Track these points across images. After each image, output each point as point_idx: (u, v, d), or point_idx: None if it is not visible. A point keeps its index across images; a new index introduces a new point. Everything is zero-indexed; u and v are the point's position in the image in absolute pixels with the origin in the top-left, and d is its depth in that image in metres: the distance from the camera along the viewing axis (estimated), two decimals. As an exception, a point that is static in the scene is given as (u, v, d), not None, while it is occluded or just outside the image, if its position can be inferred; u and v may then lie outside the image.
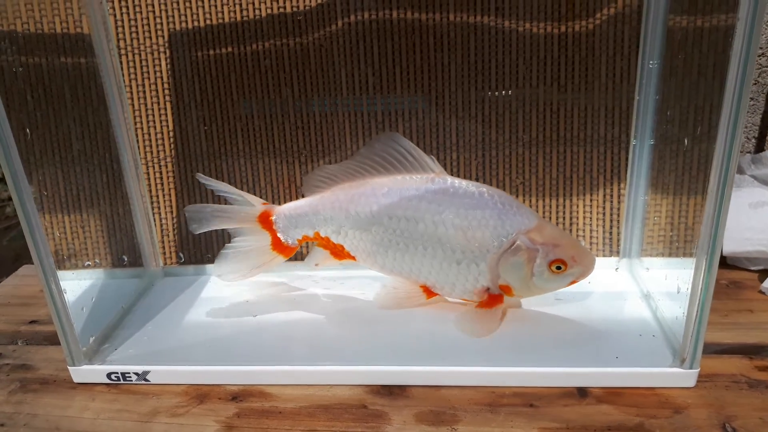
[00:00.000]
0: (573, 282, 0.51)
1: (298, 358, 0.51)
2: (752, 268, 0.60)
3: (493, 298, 0.53)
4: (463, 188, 0.51)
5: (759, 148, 0.68)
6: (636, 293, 0.57)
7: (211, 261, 0.66)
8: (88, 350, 0.53)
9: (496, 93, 0.60)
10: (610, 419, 0.44)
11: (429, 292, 0.56)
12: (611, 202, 0.61)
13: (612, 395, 0.46)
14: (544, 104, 0.60)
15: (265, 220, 0.58)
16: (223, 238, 0.67)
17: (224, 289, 0.63)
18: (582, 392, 0.47)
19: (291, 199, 0.65)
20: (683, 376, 0.46)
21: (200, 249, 0.67)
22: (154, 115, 0.64)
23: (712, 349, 0.50)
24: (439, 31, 0.59)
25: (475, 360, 0.49)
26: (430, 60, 0.60)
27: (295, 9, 0.60)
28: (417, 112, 0.62)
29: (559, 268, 0.50)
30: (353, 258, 0.57)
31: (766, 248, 0.56)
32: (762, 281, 0.57)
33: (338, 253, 0.58)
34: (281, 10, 0.61)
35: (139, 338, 0.56)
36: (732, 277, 0.60)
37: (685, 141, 0.48)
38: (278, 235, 0.58)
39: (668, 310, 0.51)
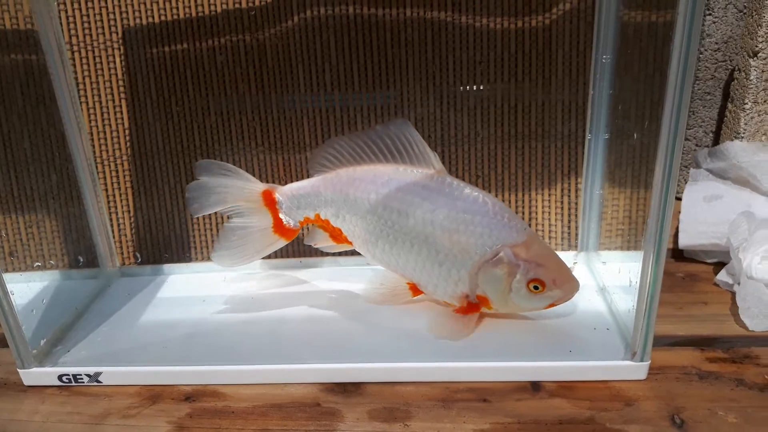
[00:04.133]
0: (552, 305, 0.50)
1: (252, 358, 0.51)
2: (708, 261, 0.60)
3: (470, 306, 0.52)
4: (459, 190, 0.50)
5: (716, 142, 0.69)
6: (593, 287, 0.57)
7: (169, 261, 0.66)
8: (39, 352, 0.52)
9: (454, 89, 0.60)
10: (561, 413, 0.44)
11: (415, 289, 0.55)
12: (569, 196, 0.61)
13: (564, 389, 0.47)
14: (502, 100, 0.60)
15: (268, 199, 0.56)
16: (181, 238, 0.66)
17: (180, 290, 0.62)
18: (535, 386, 0.47)
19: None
20: (634, 369, 0.46)
21: (158, 249, 0.66)
22: (109, 113, 0.63)
23: (665, 342, 0.51)
24: (397, 28, 0.59)
25: (430, 356, 0.49)
26: (388, 56, 0.60)
27: (250, 4, 0.60)
28: (375, 109, 0.61)
29: (536, 288, 0.48)
30: (350, 243, 0.56)
31: (720, 241, 0.57)
32: (717, 274, 0.57)
33: (337, 236, 0.57)
34: (237, 5, 0.60)
35: (93, 339, 0.55)
36: (688, 269, 0.60)
37: (635, 135, 0.48)
38: (280, 215, 0.56)
39: (622, 304, 0.51)
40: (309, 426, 0.45)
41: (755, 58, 0.56)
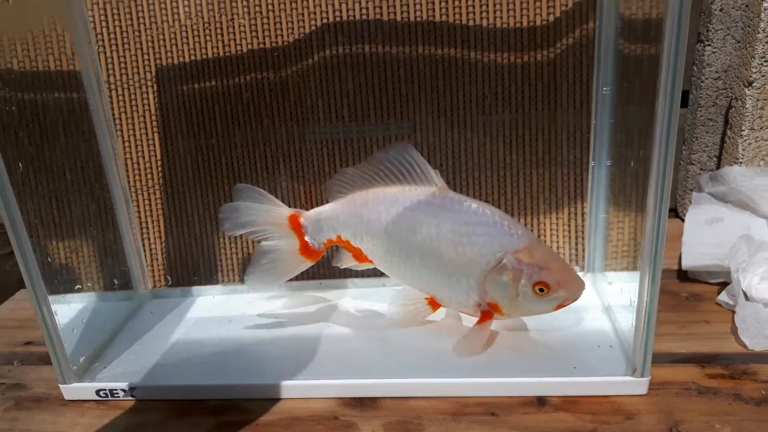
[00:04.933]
0: (560, 306, 0.52)
1: (275, 374, 0.54)
2: (711, 281, 0.62)
3: (484, 315, 0.55)
4: (461, 204, 0.53)
5: (719, 167, 0.71)
6: (598, 306, 0.59)
7: (198, 283, 0.70)
8: (79, 369, 0.56)
9: (464, 120, 0.63)
10: (565, 426, 0.47)
11: (434, 303, 0.58)
12: (575, 220, 0.64)
13: (569, 403, 0.49)
14: (509, 129, 0.63)
15: (294, 223, 0.60)
16: (209, 262, 0.70)
17: (208, 310, 0.66)
18: (541, 401, 0.50)
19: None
20: (635, 384, 0.49)
21: (187, 272, 0.70)
22: (142, 146, 0.67)
23: (667, 359, 0.53)
24: (409, 64, 0.63)
25: (442, 372, 0.52)
26: (401, 90, 0.64)
27: (274, 44, 0.64)
28: (390, 139, 0.65)
29: (542, 290, 0.50)
30: (371, 262, 0.60)
31: (722, 262, 0.59)
32: (719, 293, 0.59)
33: (358, 256, 0.60)
34: (261, 46, 0.64)
35: (127, 357, 0.59)
36: (692, 290, 0.63)
37: (631, 162, 0.51)
38: (306, 238, 0.60)
39: (624, 322, 0.54)
40: (327, 437, 0.48)
41: (750, 88, 0.59)
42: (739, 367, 0.51)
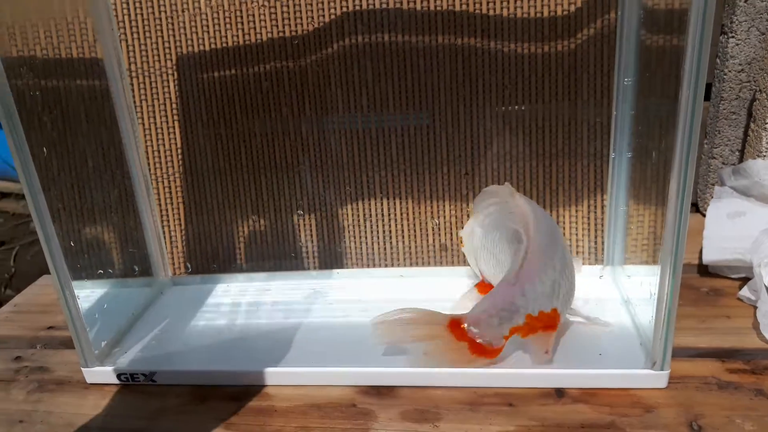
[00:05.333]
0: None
1: (294, 361, 0.55)
2: (732, 276, 0.62)
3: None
4: None
5: (742, 161, 0.70)
6: (617, 299, 0.59)
7: (217, 271, 0.70)
8: (101, 353, 0.57)
9: (484, 110, 0.63)
10: (584, 417, 0.47)
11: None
12: (595, 212, 0.64)
13: (587, 395, 0.49)
14: (530, 121, 0.63)
15: (457, 329, 0.51)
16: (228, 250, 0.70)
17: (227, 297, 0.67)
18: (559, 393, 0.50)
19: (292, 209, 0.69)
20: (654, 378, 0.49)
21: (207, 259, 0.71)
22: (163, 134, 0.68)
23: (687, 353, 0.53)
24: (429, 53, 0.63)
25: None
26: (421, 80, 0.64)
27: (293, 33, 0.64)
28: (409, 129, 0.65)
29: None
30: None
31: (743, 256, 0.58)
32: (741, 289, 0.59)
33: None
34: (281, 34, 0.64)
35: (148, 342, 0.59)
36: (713, 284, 0.62)
37: (653, 154, 0.51)
38: (478, 341, 0.50)
39: (644, 315, 0.53)
40: (345, 425, 0.49)
41: (776, 80, 0.59)
42: (761, 362, 0.51)
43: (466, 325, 0.50)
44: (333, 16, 0.63)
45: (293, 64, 0.65)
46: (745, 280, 0.60)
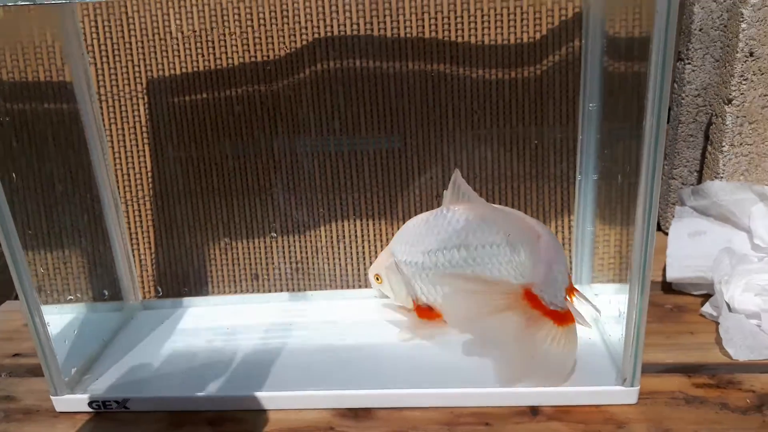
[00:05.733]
0: None
1: (269, 385, 0.54)
2: (695, 293, 0.64)
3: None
4: None
5: (700, 181, 0.73)
6: (587, 318, 0.60)
7: (188, 294, 0.70)
8: (71, 380, 0.55)
9: (454, 134, 0.64)
10: (557, 435, 0.48)
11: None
12: (562, 232, 0.65)
13: (561, 413, 0.50)
14: (498, 144, 0.65)
15: (530, 297, 0.52)
16: (199, 273, 0.70)
17: (199, 321, 0.66)
18: (534, 411, 0.51)
19: (264, 231, 0.69)
20: (625, 394, 0.50)
21: (178, 283, 0.70)
22: (133, 157, 0.67)
23: (655, 369, 0.54)
24: (400, 78, 0.64)
25: (435, 383, 0.53)
26: (392, 104, 0.65)
27: (265, 58, 0.65)
28: (381, 152, 0.66)
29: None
30: None
31: (705, 274, 0.61)
32: (703, 305, 0.61)
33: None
34: (252, 59, 0.65)
35: (119, 368, 0.58)
36: (676, 301, 0.64)
37: (618, 176, 0.53)
38: (550, 308, 0.52)
39: (613, 333, 0.55)
40: (324, 448, 0.49)
41: (730, 105, 0.61)
42: (725, 376, 0.53)
43: (537, 290, 0.51)
44: (305, 42, 0.64)
45: (265, 88, 0.65)
46: (706, 297, 0.62)
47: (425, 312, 0.61)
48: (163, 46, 0.65)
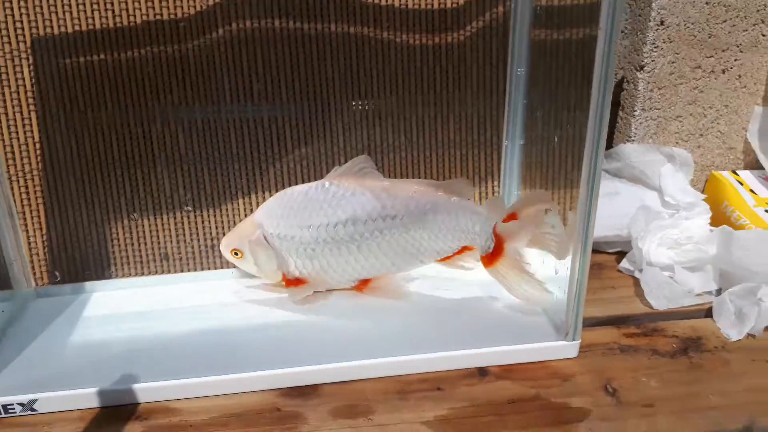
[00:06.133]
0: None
1: (199, 370, 0.50)
2: (609, 251, 0.67)
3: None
4: None
5: (610, 146, 0.77)
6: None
7: (90, 278, 0.63)
8: (-39, 384, 0.48)
9: (380, 100, 0.63)
10: (510, 393, 0.48)
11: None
12: (486, 198, 0.66)
13: (507, 371, 0.51)
14: (422, 110, 0.64)
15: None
16: (99, 255, 0.63)
17: (107, 307, 0.60)
18: (482, 372, 0.51)
19: (174, 206, 0.63)
20: (568, 348, 0.52)
21: (75, 266, 0.63)
22: (17, 125, 0.59)
23: (586, 323, 0.56)
24: (322, 41, 0.61)
25: (380, 352, 0.51)
26: (314, 68, 0.62)
27: (172, 16, 0.59)
28: (303, 119, 0.63)
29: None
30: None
31: (621, 232, 0.64)
32: (619, 262, 0.65)
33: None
34: (158, 17, 0.59)
35: (19, 365, 0.51)
36: (595, 260, 0.67)
37: (555, 139, 0.54)
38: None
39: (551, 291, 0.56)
40: (274, 430, 0.46)
41: (641, 71, 0.65)
42: (650, 325, 0.56)
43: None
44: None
45: (174, 49, 0.60)
46: (621, 254, 0.65)
47: (294, 284, 0.59)
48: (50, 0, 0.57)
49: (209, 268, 0.65)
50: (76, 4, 0.58)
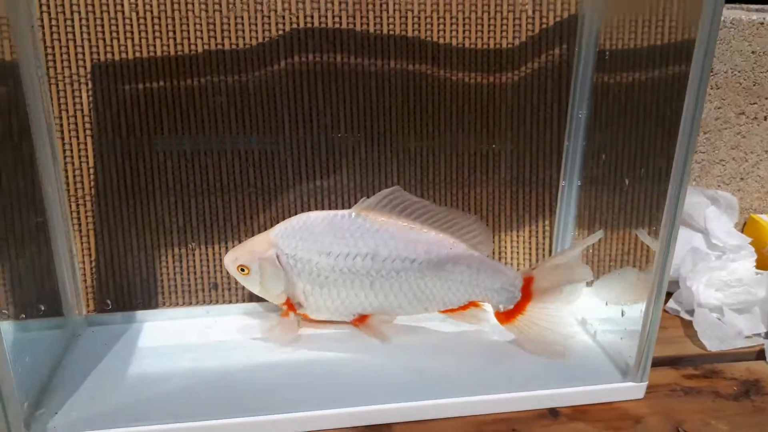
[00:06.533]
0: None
1: (267, 407, 0.49)
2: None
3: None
4: None
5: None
6: (570, 320, 0.62)
7: (142, 307, 0.62)
8: (26, 418, 0.46)
9: (434, 137, 0.63)
10: (585, 435, 0.49)
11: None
12: (539, 237, 0.67)
13: (579, 413, 0.51)
14: (475, 147, 0.64)
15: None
16: (154, 280, 0.62)
17: (162, 338, 0.58)
18: (553, 412, 0.51)
19: (225, 241, 0.63)
20: (635, 389, 0.52)
21: (123, 294, 0.62)
22: (72, 150, 0.58)
23: (643, 364, 0.57)
24: (381, 77, 0.62)
25: (453, 392, 0.51)
26: (372, 103, 0.62)
27: (233, 46, 0.59)
28: (360, 153, 0.63)
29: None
30: None
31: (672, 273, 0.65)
32: (666, 302, 0.66)
33: None
34: (219, 46, 0.59)
35: (80, 398, 0.50)
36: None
37: (626, 182, 0.55)
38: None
39: (609, 333, 0.57)
40: (355, 469, 0.45)
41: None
42: (706, 366, 0.57)
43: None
44: (281, 32, 0.59)
45: (233, 79, 0.60)
46: (667, 295, 0.67)
47: (293, 309, 0.58)
48: (113, 26, 0.57)
49: (257, 300, 0.65)
50: (138, 30, 0.58)
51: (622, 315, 0.54)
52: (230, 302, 0.64)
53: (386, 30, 0.61)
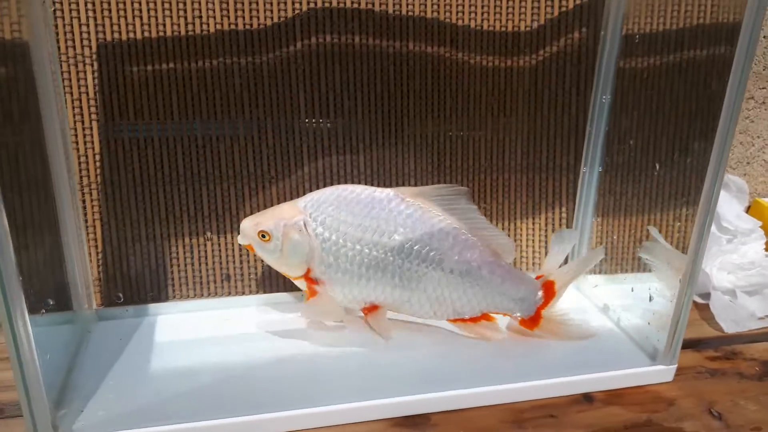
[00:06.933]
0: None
1: (302, 400, 0.48)
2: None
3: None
4: None
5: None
6: (592, 307, 0.62)
7: (155, 300, 0.59)
8: (52, 420, 0.44)
9: (452, 119, 0.62)
10: (623, 419, 0.49)
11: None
12: (553, 224, 0.67)
13: (614, 397, 0.51)
14: (493, 132, 0.64)
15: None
16: (167, 271, 0.59)
17: (176, 331, 0.56)
18: (587, 398, 0.51)
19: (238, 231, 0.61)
20: (665, 372, 0.53)
21: (132, 286, 0.59)
22: (77, 136, 0.55)
23: (665, 347, 0.58)
24: (399, 59, 0.60)
25: (488, 380, 0.50)
26: (390, 86, 0.61)
27: (248, 26, 0.57)
28: (377, 137, 0.62)
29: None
30: None
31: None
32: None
33: None
34: (232, 26, 0.57)
35: (103, 396, 0.47)
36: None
37: (656, 166, 0.55)
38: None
39: (633, 318, 0.57)
40: (402, 461, 0.44)
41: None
42: (727, 348, 0.58)
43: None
44: (297, 12, 0.57)
45: (247, 61, 0.58)
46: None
47: (313, 282, 0.56)
48: (120, 2, 0.54)
49: (272, 291, 0.63)
50: (147, 9, 0.55)
51: (650, 300, 0.55)
52: (243, 294, 0.62)
53: (405, 11, 0.59)
